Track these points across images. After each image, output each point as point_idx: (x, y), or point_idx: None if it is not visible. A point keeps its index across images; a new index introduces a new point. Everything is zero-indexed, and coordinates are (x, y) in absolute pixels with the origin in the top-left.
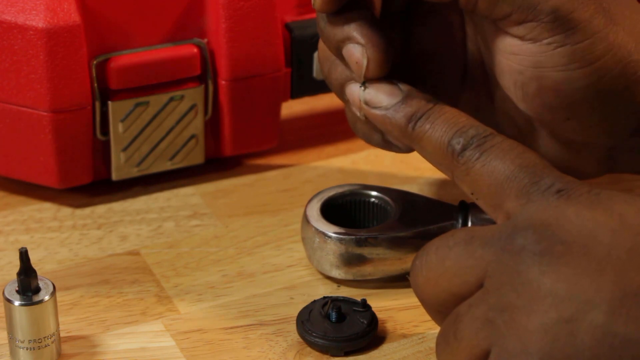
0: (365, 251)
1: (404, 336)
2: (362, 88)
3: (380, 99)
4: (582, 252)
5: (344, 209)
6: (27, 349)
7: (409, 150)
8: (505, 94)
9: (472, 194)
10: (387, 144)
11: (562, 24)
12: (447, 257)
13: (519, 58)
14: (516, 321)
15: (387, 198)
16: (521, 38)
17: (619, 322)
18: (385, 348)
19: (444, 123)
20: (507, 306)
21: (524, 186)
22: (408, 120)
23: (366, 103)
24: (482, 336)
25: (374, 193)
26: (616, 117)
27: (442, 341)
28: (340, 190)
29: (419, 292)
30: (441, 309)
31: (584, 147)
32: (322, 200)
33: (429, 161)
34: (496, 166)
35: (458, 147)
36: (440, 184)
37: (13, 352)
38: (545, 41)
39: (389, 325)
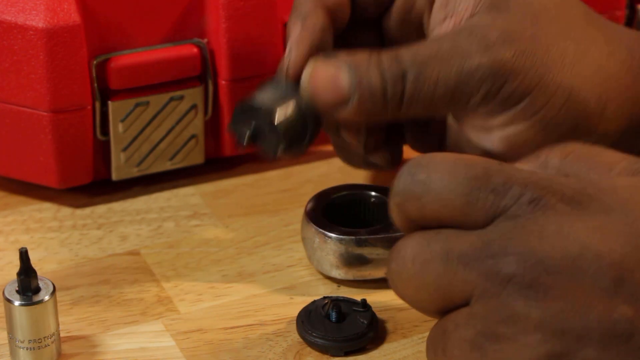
0: (365, 251)
1: (404, 336)
2: None
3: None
4: (569, 283)
5: (344, 209)
6: (27, 349)
7: (389, 167)
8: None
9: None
10: (367, 164)
11: (496, 100)
12: (426, 272)
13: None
14: (505, 352)
15: (387, 198)
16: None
17: (612, 357)
18: (385, 348)
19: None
20: (496, 336)
21: (491, 206)
22: None
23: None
24: (471, 359)
25: (374, 193)
26: (587, 139)
27: (432, 352)
28: (340, 190)
29: (399, 294)
30: (424, 309)
31: None
32: (322, 200)
33: None
34: (448, 195)
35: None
36: None
37: (13, 352)
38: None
39: (389, 325)
